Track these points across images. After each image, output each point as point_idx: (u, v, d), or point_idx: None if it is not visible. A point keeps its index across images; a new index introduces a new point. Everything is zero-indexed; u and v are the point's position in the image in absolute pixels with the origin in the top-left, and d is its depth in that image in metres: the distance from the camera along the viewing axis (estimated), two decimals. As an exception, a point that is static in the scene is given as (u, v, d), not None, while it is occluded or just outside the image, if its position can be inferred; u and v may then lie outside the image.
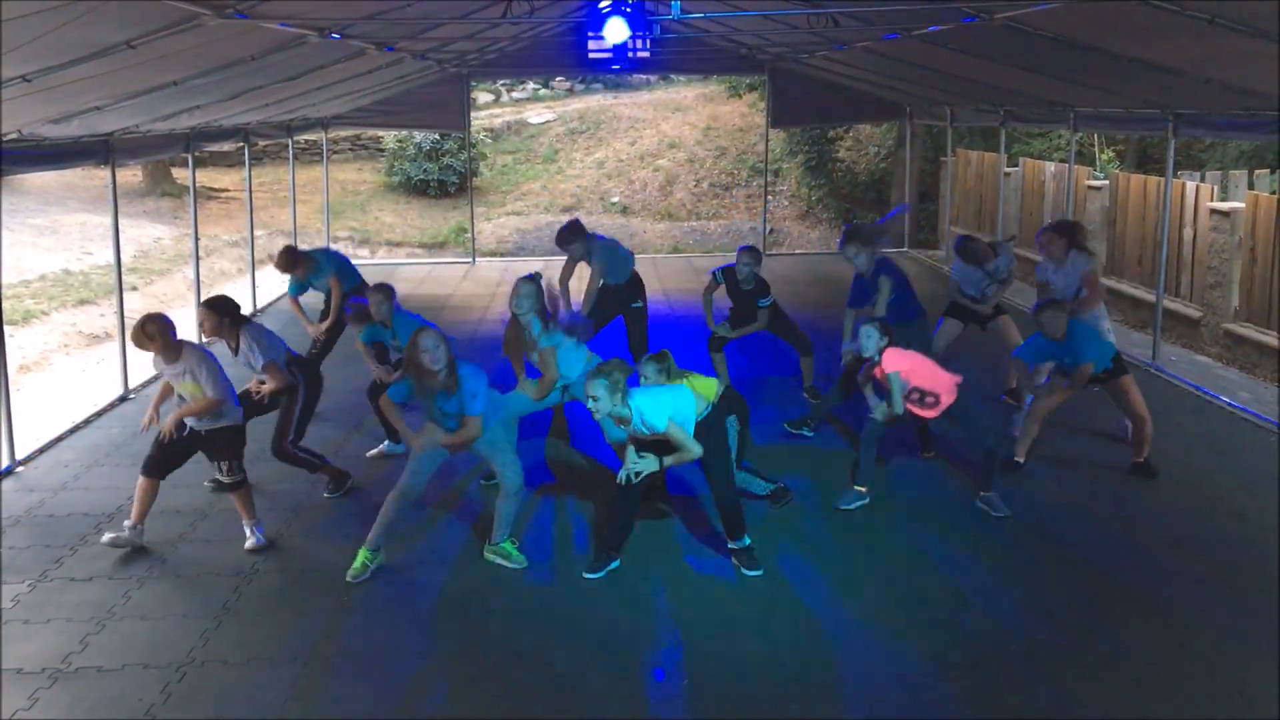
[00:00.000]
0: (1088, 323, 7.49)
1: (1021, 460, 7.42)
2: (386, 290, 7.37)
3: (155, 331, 5.99)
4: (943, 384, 6.66)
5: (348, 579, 5.91)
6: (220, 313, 6.76)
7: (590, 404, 5.61)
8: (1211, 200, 11.82)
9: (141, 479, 6.27)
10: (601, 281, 8.87)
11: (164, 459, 6.26)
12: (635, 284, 9.09)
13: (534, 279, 6.75)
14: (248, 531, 6.38)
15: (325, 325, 8.90)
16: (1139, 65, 7.60)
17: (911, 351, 6.75)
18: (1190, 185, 12.29)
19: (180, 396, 6.17)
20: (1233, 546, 6.27)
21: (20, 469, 7.72)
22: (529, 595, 5.78)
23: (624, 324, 9.06)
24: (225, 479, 6.32)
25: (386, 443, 7.82)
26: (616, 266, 8.95)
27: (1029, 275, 14.97)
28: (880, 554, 6.25)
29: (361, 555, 5.98)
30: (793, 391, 9.16)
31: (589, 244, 8.84)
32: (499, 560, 6.05)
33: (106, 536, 6.26)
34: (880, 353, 6.65)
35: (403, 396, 5.89)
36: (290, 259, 8.82)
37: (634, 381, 5.90)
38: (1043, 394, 7.44)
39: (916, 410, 6.72)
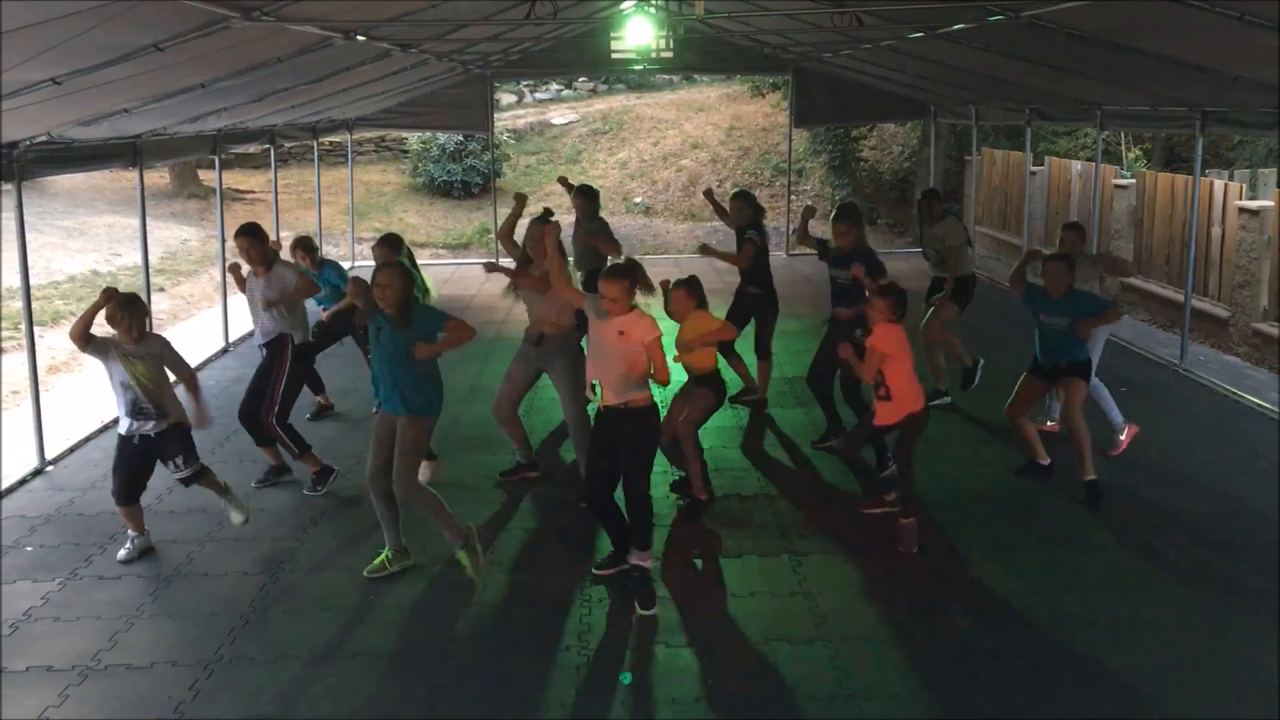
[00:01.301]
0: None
1: (1047, 462, 7.35)
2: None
3: (143, 310, 6.04)
4: (911, 394, 6.33)
5: (364, 573, 5.95)
6: (261, 240, 7.21)
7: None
8: (1240, 199, 11.72)
9: (120, 508, 6.23)
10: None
11: (131, 484, 6.16)
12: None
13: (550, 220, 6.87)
14: (227, 507, 6.42)
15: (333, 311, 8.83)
16: (1167, 63, 7.53)
17: (905, 342, 6.37)
18: (1218, 184, 12.19)
19: (130, 382, 5.95)
20: (1259, 548, 6.21)
21: (50, 468, 7.80)
22: (553, 595, 5.79)
23: None
24: (185, 471, 6.21)
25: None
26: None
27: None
28: (902, 556, 6.23)
29: (383, 554, 6.01)
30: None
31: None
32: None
33: (121, 554, 6.26)
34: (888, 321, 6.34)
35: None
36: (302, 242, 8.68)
37: None
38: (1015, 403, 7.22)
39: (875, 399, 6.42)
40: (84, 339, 5.89)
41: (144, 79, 6.60)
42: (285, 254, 7.99)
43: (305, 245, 8.53)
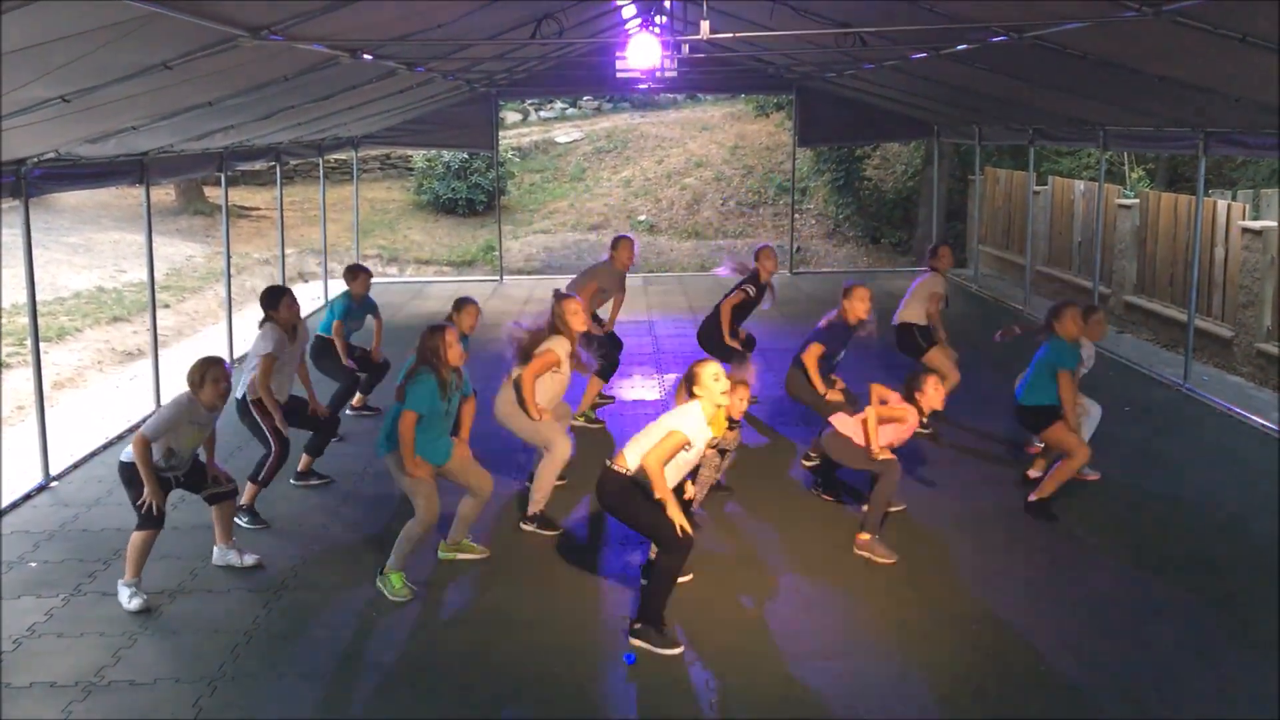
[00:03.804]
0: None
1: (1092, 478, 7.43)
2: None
3: (225, 374, 5.92)
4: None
5: (393, 600, 5.89)
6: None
7: None
8: (1243, 219, 11.73)
9: (147, 533, 5.88)
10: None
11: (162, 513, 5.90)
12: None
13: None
14: (235, 557, 6.34)
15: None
16: (1170, 83, 7.57)
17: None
18: (1221, 204, 12.21)
19: (180, 447, 5.87)
20: (1262, 568, 6.20)
21: (55, 484, 7.81)
22: (557, 611, 5.79)
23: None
24: (227, 486, 6.21)
25: None
26: None
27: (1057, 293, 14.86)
28: (910, 574, 6.23)
29: (396, 578, 5.96)
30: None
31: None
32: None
33: (134, 604, 5.87)
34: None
35: (426, 405, 5.78)
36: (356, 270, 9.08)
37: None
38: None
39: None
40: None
41: (152, 97, 6.64)
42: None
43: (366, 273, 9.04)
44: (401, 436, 5.71)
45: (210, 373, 5.83)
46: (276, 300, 7.10)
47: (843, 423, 6.69)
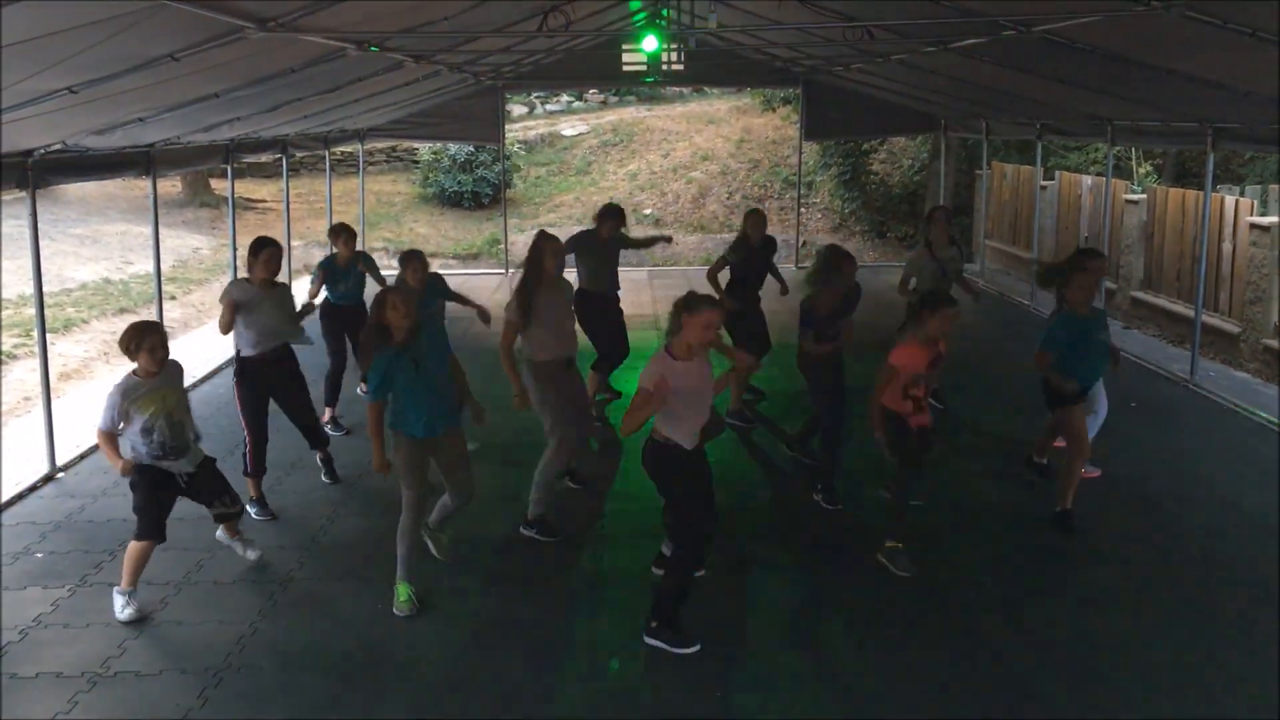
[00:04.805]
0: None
1: (1044, 461, 7.35)
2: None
3: (162, 341, 5.69)
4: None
5: (396, 612, 5.71)
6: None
7: None
8: (1251, 214, 11.70)
9: (147, 543, 5.69)
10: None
11: (163, 515, 5.72)
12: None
13: None
14: (239, 546, 6.30)
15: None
16: (1178, 78, 7.53)
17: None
18: (1229, 199, 12.17)
19: (155, 423, 5.62)
20: (1267, 564, 6.19)
21: (61, 475, 7.83)
22: (559, 606, 5.80)
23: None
24: (234, 507, 6.04)
25: None
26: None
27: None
28: (914, 571, 6.22)
29: (403, 589, 5.78)
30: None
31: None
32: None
33: (126, 614, 5.69)
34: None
35: (380, 387, 5.52)
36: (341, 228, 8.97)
37: None
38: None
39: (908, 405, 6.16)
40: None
41: (158, 88, 6.64)
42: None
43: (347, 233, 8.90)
44: (369, 428, 5.62)
45: (146, 341, 5.59)
46: (255, 254, 7.01)
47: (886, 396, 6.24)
